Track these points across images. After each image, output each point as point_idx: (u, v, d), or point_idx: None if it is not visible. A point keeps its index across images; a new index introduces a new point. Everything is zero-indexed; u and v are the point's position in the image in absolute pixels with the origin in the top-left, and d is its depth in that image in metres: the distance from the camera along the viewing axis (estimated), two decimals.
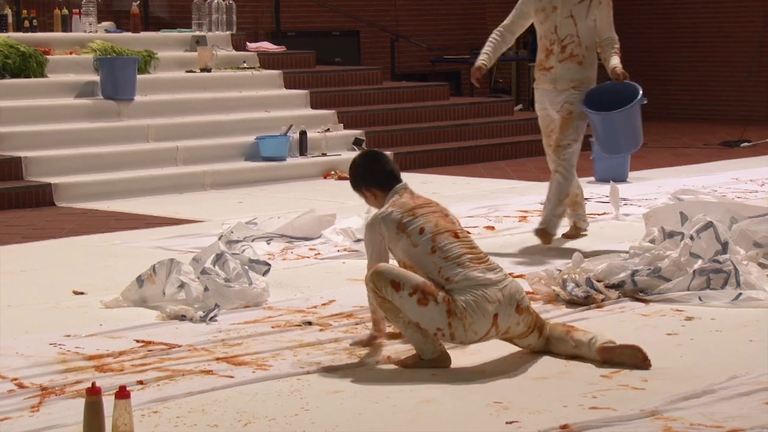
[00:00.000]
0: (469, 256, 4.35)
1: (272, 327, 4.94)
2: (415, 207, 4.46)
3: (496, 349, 4.51)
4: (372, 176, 4.59)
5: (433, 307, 4.22)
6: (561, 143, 6.66)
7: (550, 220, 6.69)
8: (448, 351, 4.37)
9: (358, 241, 6.54)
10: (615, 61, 6.65)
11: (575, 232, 6.98)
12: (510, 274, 5.82)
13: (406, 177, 5.73)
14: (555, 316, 5.05)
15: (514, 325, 4.34)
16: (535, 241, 6.97)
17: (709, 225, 5.59)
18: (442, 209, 4.53)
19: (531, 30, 6.94)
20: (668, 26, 16.12)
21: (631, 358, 4.26)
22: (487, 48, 6.72)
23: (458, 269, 4.29)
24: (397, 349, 4.51)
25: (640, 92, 6.58)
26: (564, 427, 3.64)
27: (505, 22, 6.77)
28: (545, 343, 4.45)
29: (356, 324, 4.95)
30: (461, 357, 4.44)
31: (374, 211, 4.64)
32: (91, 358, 4.46)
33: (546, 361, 4.39)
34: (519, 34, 6.84)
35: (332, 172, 10.00)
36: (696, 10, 15.90)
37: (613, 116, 6.56)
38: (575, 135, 6.67)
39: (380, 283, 4.27)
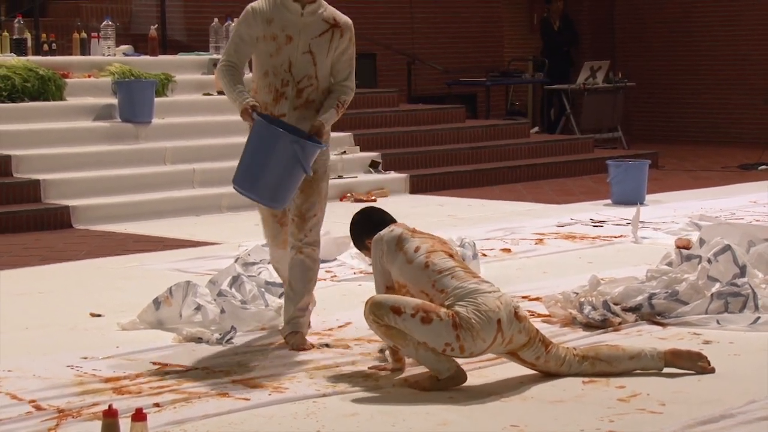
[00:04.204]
0: (462, 271, 4.42)
1: (289, 349, 4.93)
2: (414, 229, 4.62)
3: (512, 371, 4.50)
4: (372, 225, 4.67)
5: (438, 323, 4.24)
6: (306, 213, 4.97)
7: (298, 318, 4.99)
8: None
9: None
10: (326, 115, 4.90)
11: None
12: (526, 296, 5.87)
13: (422, 199, 5.78)
14: (572, 339, 5.03)
15: (517, 333, 4.34)
16: (552, 264, 6.95)
17: (726, 248, 5.57)
18: (440, 238, 4.66)
19: (547, 48, 6.19)
20: (686, 50, 16.11)
21: (696, 364, 4.45)
22: (236, 86, 4.89)
23: (452, 281, 4.36)
24: (413, 372, 4.50)
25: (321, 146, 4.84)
26: None
27: (228, 53, 5.01)
28: (579, 363, 4.43)
29: (379, 351, 4.92)
30: (477, 379, 4.43)
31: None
32: (107, 380, 4.47)
33: (562, 383, 4.37)
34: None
35: (348, 195, 10.02)
36: (714, 34, 15.89)
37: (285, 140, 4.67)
38: (321, 200, 5.03)
39: (380, 311, 4.28)
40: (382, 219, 4.72)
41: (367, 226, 4.70)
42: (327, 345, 4.98)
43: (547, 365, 4.42)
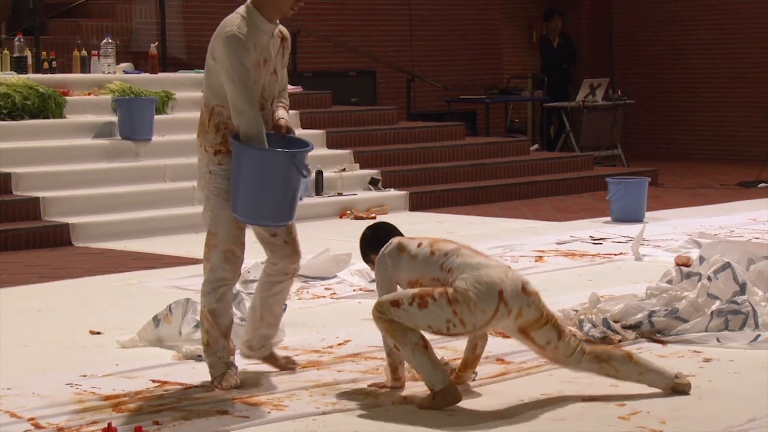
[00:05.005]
0: (467, 250, 4.48)
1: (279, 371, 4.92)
2: (414, 236, 4.66)
3: (513, 389, 4.49)
4: (378, 241, 4.69)
5: (433, 304, 4.29)
6: (296, 235, 4.97)
7: (272, 339, 5.03)
8: (462, 391, 4.37)
9: (374, 281, 6.53)
10: (282, 113, 4.82)
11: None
12: None
13: (422, 217, 5.79)
14: None
15: (525, 306, 4.33)
16: (552, 281, 6.95)
17: (726, 266, 5.56)
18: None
19: (547, 65, 6.07)
20: (685, 67, 16.15)
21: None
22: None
23: (457, 259, 4.41)
24: (413, 391, 4.50)
25: (309, 146, 4.84)
26: None
27: (252, 81, 4.62)
28: (588, 361, 4.41)
29: (377, 367, 4.93)
30: (477, 397, 4.42)
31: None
32: (107, 398, 4.46)
33: (564, 401, 4.37)
34: None
35: (348, 212, 10.02)
36: (713, 52, 15.93)
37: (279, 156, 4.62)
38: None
39: (383, 307, 4.37)
40: (389, 233, 4.72)
41: (374, 242, 4.71)
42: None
43: (556, 352, 4.40)
